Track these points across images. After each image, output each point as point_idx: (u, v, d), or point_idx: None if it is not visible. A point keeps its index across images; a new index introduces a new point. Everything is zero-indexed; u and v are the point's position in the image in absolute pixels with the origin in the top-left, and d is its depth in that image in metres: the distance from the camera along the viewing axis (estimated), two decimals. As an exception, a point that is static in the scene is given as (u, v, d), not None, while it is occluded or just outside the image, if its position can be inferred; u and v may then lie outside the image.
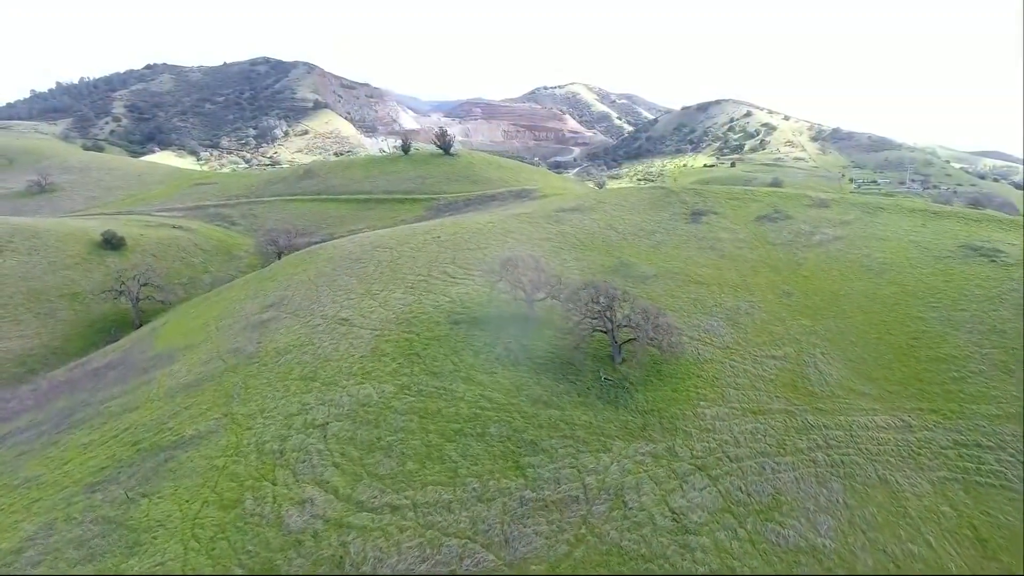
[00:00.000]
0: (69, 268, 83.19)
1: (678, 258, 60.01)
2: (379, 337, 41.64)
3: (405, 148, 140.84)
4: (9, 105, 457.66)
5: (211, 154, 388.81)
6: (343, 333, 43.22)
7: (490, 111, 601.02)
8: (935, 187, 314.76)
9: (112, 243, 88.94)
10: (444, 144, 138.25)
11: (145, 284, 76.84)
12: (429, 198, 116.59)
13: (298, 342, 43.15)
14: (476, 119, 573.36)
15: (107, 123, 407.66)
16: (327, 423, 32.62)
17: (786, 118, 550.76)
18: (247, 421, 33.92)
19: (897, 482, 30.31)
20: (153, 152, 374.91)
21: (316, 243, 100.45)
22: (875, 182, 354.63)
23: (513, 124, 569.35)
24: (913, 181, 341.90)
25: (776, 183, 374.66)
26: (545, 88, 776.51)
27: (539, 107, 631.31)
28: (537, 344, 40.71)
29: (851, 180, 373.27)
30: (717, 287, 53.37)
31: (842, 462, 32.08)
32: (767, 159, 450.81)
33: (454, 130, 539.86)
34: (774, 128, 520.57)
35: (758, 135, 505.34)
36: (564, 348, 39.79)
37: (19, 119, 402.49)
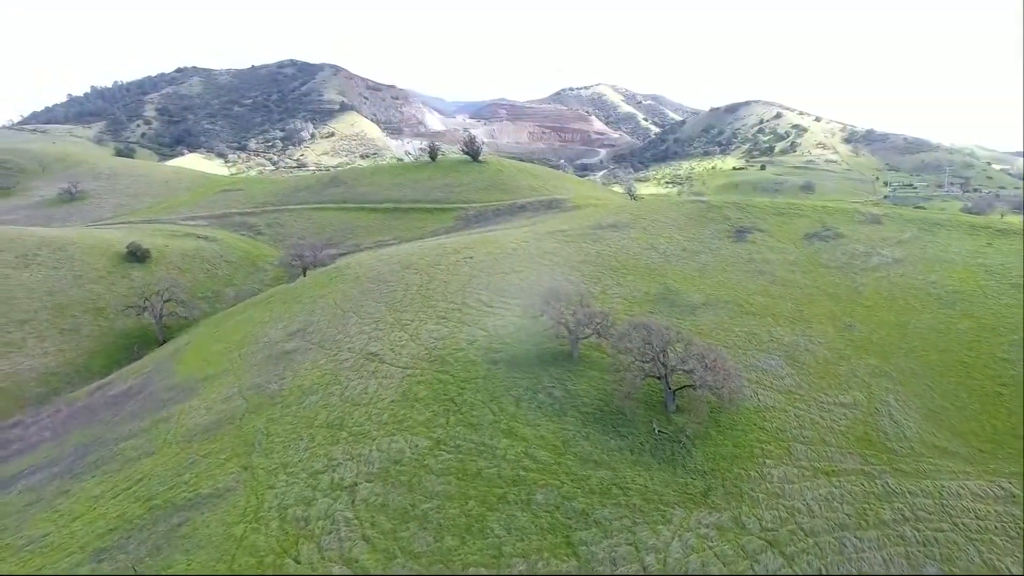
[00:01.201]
0: (94, 282, 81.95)
1: (726, 284, 56.03)
2: (410, 378, 38.58)
3: (432, 155, 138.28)
4: (47, 109, 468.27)
5: (238, 156, 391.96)
6: (372, 371, 40.25)
7: (515, 112, 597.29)
8: (975, 190, 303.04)
9: (137, 256, 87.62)
10: (472, 151, 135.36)
11: (168, 300, 75.16)
12: (458, 207, 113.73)
13: (324, 381, 40.30)
14: (501, 120, 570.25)
15: (138, 126, 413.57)
16: (356, 484, 29.60)
17: (817, 119, 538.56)
18: (268, 477, 31.08)
19: (1008, 570, 26.30)
20: (182, 155, 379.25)
21: (342, 255, 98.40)
22: (911, 185, 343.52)
23: (539, 125, 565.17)
24: (952, 184, 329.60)
25: (808, 186, 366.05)
26: (571, 89, 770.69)
27: (565, 108, 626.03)
28: (583, 388, 37.28)
29: (885, 183, 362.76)
30: (771, 318, 49.38)
31: (936, 540, 28.12)
32: (798, 161, 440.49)
33: (479, 131, 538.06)
34: (805, 129, 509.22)
35: (788, 137, 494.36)
36: (612, 394, 36.34)
37: (56, 123, 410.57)
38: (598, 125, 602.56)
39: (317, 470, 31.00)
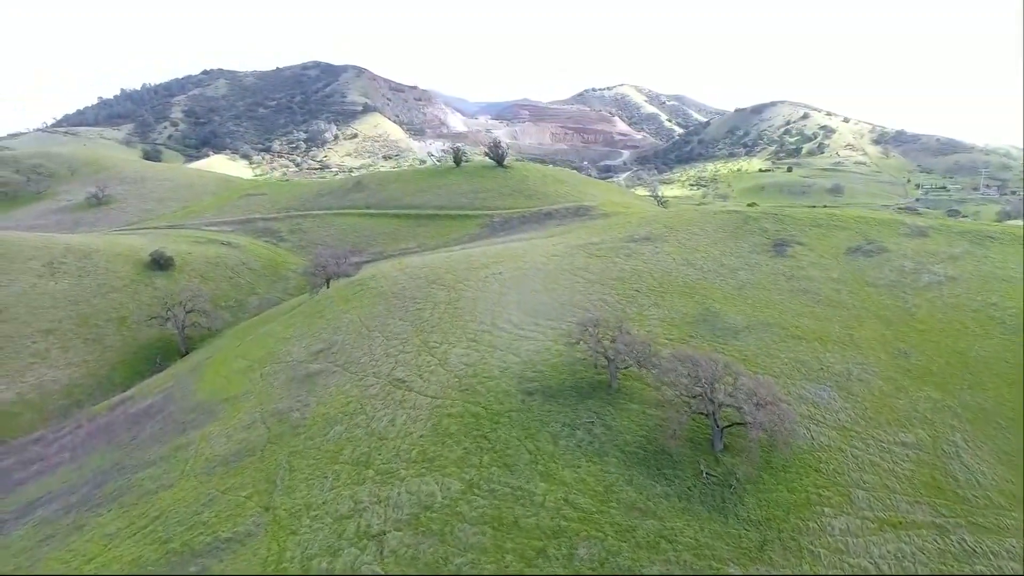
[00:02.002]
0: (118, 291, 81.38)
1: (769, 304, 53.12)
2: (440, 409, 36.50)
3: (457, 160, 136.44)
4: (79, 112, 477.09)
5: (263, 158, 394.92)
6: (399, 400, 38.26)
7: (538, 113, 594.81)
8: (1012, 192, 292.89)
9: (160, 263, 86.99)
10: (497, 155, 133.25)
11: (191, 311, 74.21)
12: (483, 214, 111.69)
13: (349, 409, 38.40)
14: (524, 121, 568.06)
15: (165, 128, 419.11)
16: (384, 532, 27.57)
17: (846, 120, 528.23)
18: (291, 521, 29.20)
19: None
20: (207, 156, 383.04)
21: (366, 262, 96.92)
22: (944, 188, 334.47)
23: (561, 126, 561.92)
24: (987, 187, 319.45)
25: (837, 189, 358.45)
26: (593, 90, 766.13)
27: (588, 109, 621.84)
28: (624, 424, 34.87)
29: (917, 186, 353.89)
30: (819, 343, 46.43)
31: (1026, 612, 25.31)
32: (826, 163, 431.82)
33: (501, 132, 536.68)
34: (833, 131, 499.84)
35: (816, 138, 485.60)
36: (656, 431, 33.91)
37: (87, 125, 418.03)
38: (621, 126, 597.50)
39: (343, 514, 29.04)
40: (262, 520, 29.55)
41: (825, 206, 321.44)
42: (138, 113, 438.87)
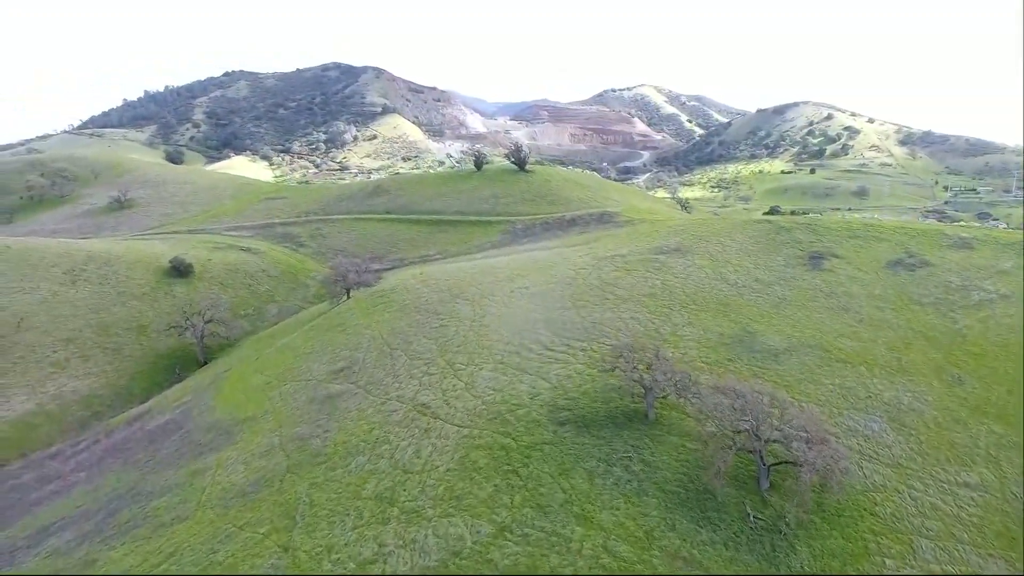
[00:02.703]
0: (138, 298, 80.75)
1: (809, 323, 50.48)
2: (468, 440, 34.59)
3: (478, 164, 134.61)
4: (104, 114, 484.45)
5: (282, 159, 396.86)
6: (424, 428, 36.41)
7: (557, 114, 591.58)
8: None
9: (180, 271, 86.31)
10: (519, 159, 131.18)
11: (210, 321, 73.26)
12: (504, 220, 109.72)
13: (371, 437, 36.63)
14: (543, 122, 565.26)
15: (187, 129, 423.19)
16: (410, 583, 25.71)
17: (870, 121, 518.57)
18: (312, 565, 27.44)
19: None
20: (228, 157, 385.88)
21: (386, 270, 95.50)
22: (974, 190, 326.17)
23: (580, 127, 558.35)
24: (1020, 188, 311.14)
25: (862, 191, 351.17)
26: (613, 90, 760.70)
27: (607, 109, 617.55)
28: (663, 459, 32.68)
29: (946, 188, 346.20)
30: (865, 368, 43.77)
31: None
32: (850, 165, 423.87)
33: (520, 133, 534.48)
34: (857, 132, 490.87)
35: (840, 139, 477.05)
36: (697, 466, 31.69)
37: (112, 127, 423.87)
38: (641, 127, 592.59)
39: (366, 559, 27.22)
40: (281, 564, 27.83)
41: (850, 209, 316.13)
42: (160, 115, 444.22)
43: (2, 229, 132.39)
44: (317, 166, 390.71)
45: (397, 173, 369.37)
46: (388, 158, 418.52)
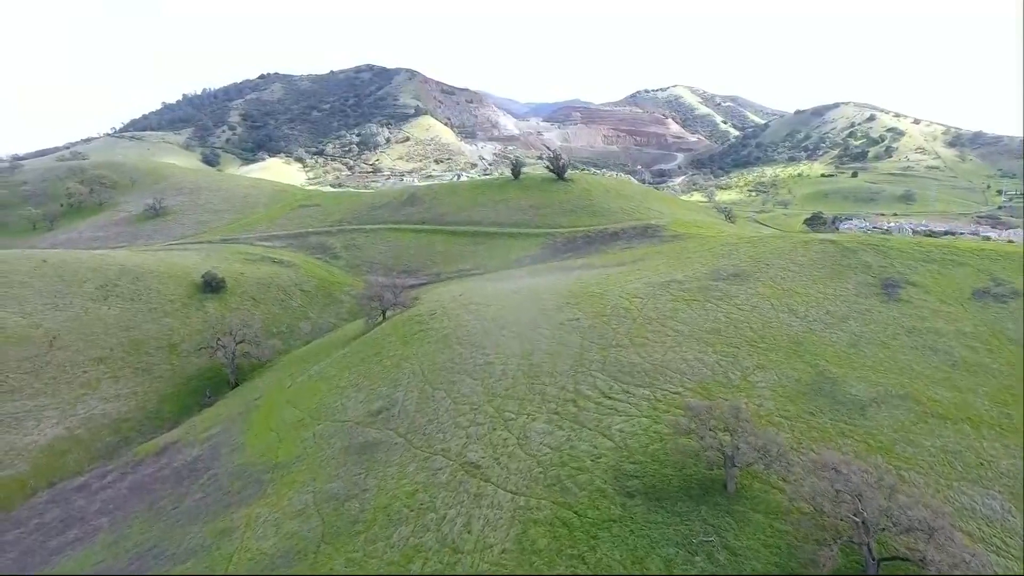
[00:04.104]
0: (169, 315, 78.67)
1: (893, 366, 45.04)
2: (525, 512, 30.50)
3: (515, 172, 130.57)
4: (144, 117, 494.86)
5: (315, 161, 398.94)
6: (474, 494, 32.43)
7: (589, 115, 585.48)
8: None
9: (212, 286, 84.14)
10: (557, 168, 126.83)
11: (241, 341, 70.66)
12: (544, 233, 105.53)
13: (415, 502, 32.80)
14: (575, 123, 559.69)
15: (223, 131, 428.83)
16: None
17: (916, 121, 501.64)
18: (351, 674, 23.68)
19: None
20: (263, 159, 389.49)
21: (421, 284, 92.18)
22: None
23: (613, 129, 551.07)
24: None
25: (908, 196, 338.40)
26: (646, 91, 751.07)
27: (640, 111, 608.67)
28: (750, 544, 28.10)
29: (999, 192, 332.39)
30: (969, 425, 38.35)
31: None
32: (894, 168, 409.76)
33: (553, 135, 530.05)
34: (902, 133, 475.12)
35: (883, 141, 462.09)
36: (789, 555, 27.09)
37: (151, 129, 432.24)
38: (675, 128, 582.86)
39: (413, 671, 23.35)
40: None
41: (895, 214, 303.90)
42: (197, 117, 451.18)
43: (44, 238, 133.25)
44: (350, 168, 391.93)
45: (430, 176, 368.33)
46: (420, 160, 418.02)
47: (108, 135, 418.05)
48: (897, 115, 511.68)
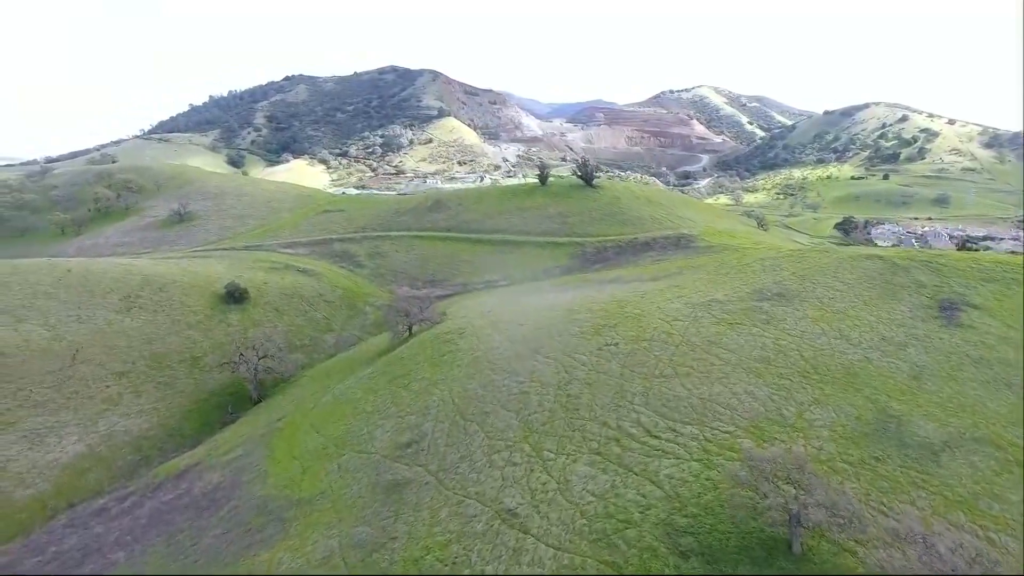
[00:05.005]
0: (192, 327, 77.40)
1: (963, 403, 41.33)
2: (568, 570, 27.80)
3: (543, 178, 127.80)
4: (172, 119, 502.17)
5: (339, 163, 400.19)
6: (512, 548, 29.80)
7: (613, 116, 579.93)
8: None
9: (235, 296, 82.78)
10: (586, 174, 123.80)
11: (264, 356, 68.97)
12: (573, 242, 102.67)
13: (449, 556, 30.27)
14: (599, 124, 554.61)
15: (248, 133, 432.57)
16: None
17: (950, 122, 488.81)
18: None
19: None
20: (287, 161, 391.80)
21: (448, 296, 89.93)
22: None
23: (637, 130, 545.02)
24: None
25: (943, 199, 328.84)
26: (670, 91, 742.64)
27: (664, 111, 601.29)
28: (825, 620, 25.13)
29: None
30: (1059, 474, 34.78)
31: None
32: (927, 170, 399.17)
33: (576, 136, 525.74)
34: (936, 134, 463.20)
35: (916, 142, 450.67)
36: (875, 637, 24.08)
37: (179, 131, 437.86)
38: (699, 129, 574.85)
39: None
40: None
41: (930, 218, 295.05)
42: (224, 119, 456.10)
43: (71, 243, 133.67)
44: (373, 170, 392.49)
45: (453, 177, 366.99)
46: (444, 162, 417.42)
47: (137, 137, 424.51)
48: (931, 115, 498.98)
